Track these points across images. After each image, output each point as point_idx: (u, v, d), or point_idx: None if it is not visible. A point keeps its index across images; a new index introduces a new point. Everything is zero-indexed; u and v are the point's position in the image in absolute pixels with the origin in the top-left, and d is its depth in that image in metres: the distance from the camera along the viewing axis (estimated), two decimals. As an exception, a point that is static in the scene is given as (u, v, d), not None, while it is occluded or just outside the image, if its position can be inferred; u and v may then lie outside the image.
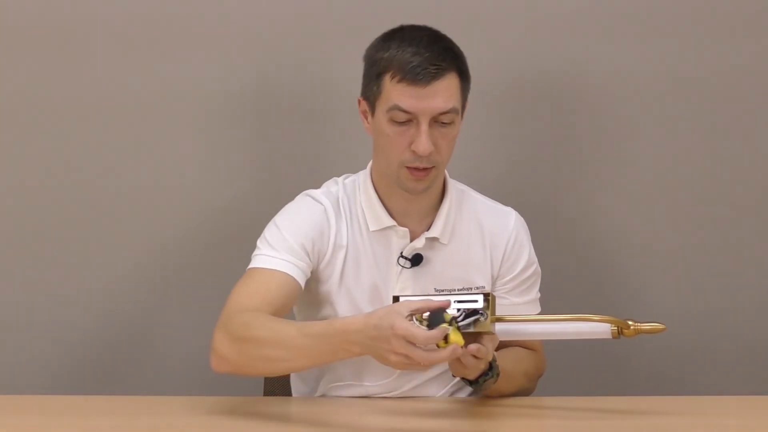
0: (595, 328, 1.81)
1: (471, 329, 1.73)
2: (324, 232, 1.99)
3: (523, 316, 1.89)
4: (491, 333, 1.75)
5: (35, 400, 2.03)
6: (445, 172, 2.06)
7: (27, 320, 2.48)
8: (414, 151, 1.90)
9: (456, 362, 1.78)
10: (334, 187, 2.05)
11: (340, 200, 2.02)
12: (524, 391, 2.04)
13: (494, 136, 2.49)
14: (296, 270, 1.95)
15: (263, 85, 2.48)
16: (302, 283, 1.96)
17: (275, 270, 1.94)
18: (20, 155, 2.47)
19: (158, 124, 2.47)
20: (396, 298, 1.80)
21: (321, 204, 2.01)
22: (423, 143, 1.88)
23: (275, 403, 2.01)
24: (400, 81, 1.88)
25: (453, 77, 1.90)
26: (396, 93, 1.89)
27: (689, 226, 2.52)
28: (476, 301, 1.76)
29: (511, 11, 2.47)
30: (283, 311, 1.93)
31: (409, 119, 1.90)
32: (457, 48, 1.94)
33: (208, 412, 1.90)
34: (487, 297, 1.76)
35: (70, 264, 2.48)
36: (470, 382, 1.89)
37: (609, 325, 1.79)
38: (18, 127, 2.47)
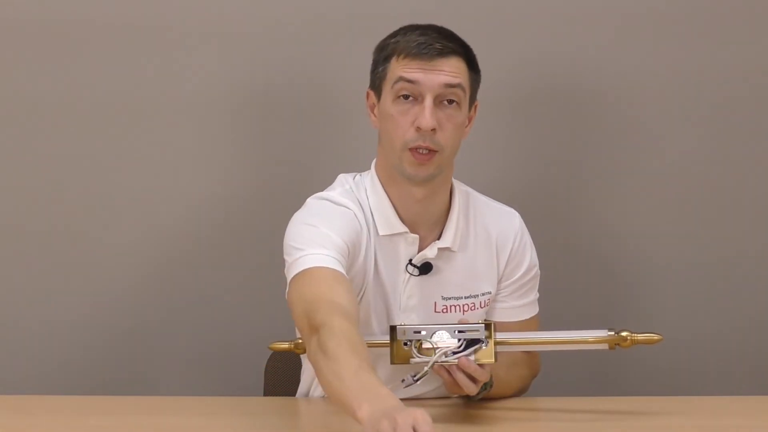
0: (594, 336, 1.84)
1: (472, 357, 1.76)
2: (359, 236, 1.93)
3: (520, 339, 1.89)
4: (493, 363, 1.79)
5: (35, 400, 2.03)
6: (452, 179, 2.03)
7: (27, 320, 2.48)
8: (418, 129, 1.88)
9: (452, 383, 1.80)
10: (345, 184, 2.01)
11: (359, 200, 1.98)
12: (518, 393, 2.04)
13: (496, 137, 2.49)
14: (342, 269, 1.86)
15: (263, 84, 2.47)
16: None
17: (331, 269, 1.83)
18: (19, 155, 2.47)
19: (158, 123, 2.47)
20: (393, 328, 1.80)
21: (349, 209, 1.95)
22: (426, 116, 1.87)
23: (275, 403, 2.01)
24: (405, 57, 1.90)
25: (459, 61, 1.92)
26: (401, 67, 1.90)
27: (690, 227, 2.52)
28: (477, 330, 1.78)
29: (512, 13, 2.47)
30: (357, 311, 1.83)
31: (414, 97, 1.89)
32: (466, 43, 1.96)
33: (208, 412, 1.90)
34: (489, 327, 1.78)
35: (69, 264, 2.48)
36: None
37: (606, 335, 1.82)
38: (17, 126, 2.46)
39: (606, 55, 2.48)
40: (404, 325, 1.81)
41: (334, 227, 1.89)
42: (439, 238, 1.98)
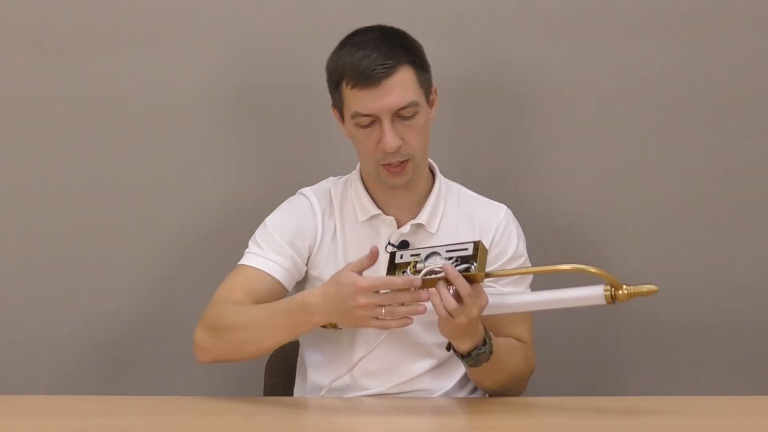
0: (589, 292, 1.80)
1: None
2: (309, 224, 2.06)
3: (515, 270, 1.97)
4: (485, 276, 1.79)
5: (35, 400, 2.03)
6: (435, 165, 2.10)
7: (27, 320, 2.48)
8: (383, 149, 1.96)
9: (439, 306, 1.79)
10: (326, 184, 2.13)
11: (331, 194, 2.09)
12: (514, 389, 2.03)
13: (490, 135, 2.49)
14: (280, 271, 2.03)
15: (263, 84, 2.48)
16: (287, 283, 2.04)
17: (259, 269, 2.03)
18: (19, 155, 2.47)
19: (156, 123, 2.47)
20: (392, 255, 1.85)
21: (307, 199, 2.09)
22: (388, 141, 1.95)
23: (275, 403, 2.02)
24: (353, 87, 1.95)
25: (406, 71, 1.96)
26: (354, 99, 1.96)
27: (688, 224, 2.52)
28: (466, 249, 1.81)
29: (504, 11, 2.47)
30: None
31: (373, 120, 1.96)
32: (410, 41, 2.00)
33: (208, 412, 1.90)
34: (477, 245, 1.80)
35: (70, 264, 2.48)
36: (462, 357, 1.89)
37: (602, 289, 1.78)
38: (16, 127, 2.47)
39: (601, 53, 2.48)
40: (402, 250, 1.89)
41: (282, 226, 2.06)
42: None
